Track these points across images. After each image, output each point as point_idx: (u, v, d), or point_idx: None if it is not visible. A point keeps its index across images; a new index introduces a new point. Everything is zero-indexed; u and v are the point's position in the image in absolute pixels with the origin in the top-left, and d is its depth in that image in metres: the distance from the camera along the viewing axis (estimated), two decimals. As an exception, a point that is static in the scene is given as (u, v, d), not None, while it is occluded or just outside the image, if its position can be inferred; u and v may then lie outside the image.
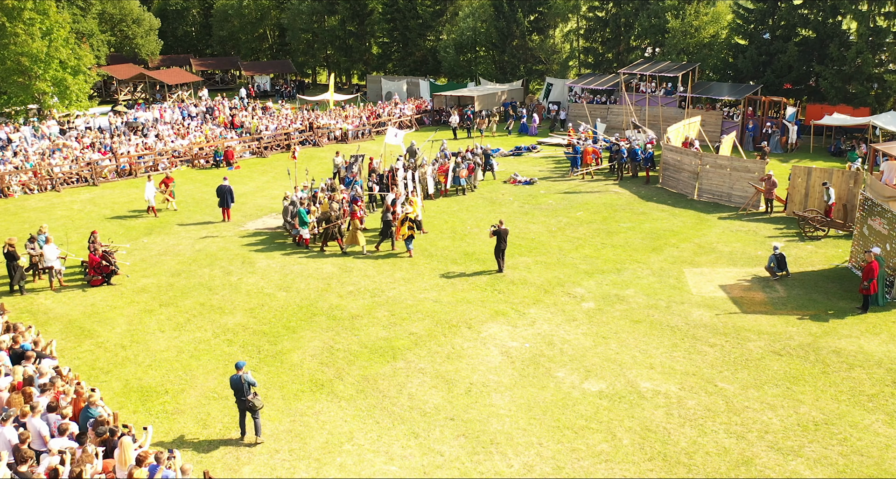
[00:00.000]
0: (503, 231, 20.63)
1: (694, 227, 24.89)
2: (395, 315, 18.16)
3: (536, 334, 17.03)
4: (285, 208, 24.19)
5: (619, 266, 21.33)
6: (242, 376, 12.66)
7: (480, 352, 16.20)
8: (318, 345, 16.67)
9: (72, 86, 38.56)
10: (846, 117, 36.20)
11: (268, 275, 21.03)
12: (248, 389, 12.67)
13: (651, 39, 47.60)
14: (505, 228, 20.69)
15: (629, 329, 17.23)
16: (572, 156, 32.99)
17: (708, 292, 19.36)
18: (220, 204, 26.57)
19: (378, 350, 16.36)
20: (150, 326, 17.93)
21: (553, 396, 14.37)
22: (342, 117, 43.77)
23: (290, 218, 23.97)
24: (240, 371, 12.71)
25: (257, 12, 68.63)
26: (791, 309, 18.25)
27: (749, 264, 21.39)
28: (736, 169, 26.96)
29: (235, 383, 12.72)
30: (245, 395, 12.64)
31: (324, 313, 18.39)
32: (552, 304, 18.78)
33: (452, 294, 19.44)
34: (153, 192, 27.61)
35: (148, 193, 27.49)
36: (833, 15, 39.07)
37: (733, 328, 17.16)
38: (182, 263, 22.19)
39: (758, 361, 15.65)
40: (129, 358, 16.27)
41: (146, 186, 27.58)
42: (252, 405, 12.72)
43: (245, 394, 12.64)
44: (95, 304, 19.29)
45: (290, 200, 24.10)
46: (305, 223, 23.31)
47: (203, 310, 18.73)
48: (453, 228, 25.10)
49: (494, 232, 20.64)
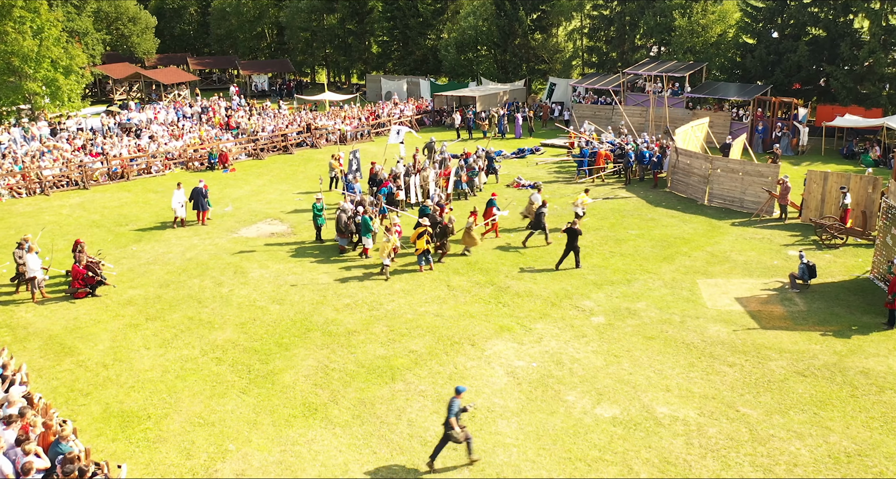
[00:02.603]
0: (574, 230, 20.50)
1: (706, 234, 23.89)
2: (393, 331, 17.18)
3: (544, 352, 16.04)
4: (338, 217, 22.20)
5: (628, 277, 20.34)
6: (455, 400, 11.99)
7: (485, 372, 15.21)
8: (313, 364, 15.68)
9: (63, 86, 37.52)
10: (858, 119, 35.24)
11: (260, 286, 20.04)
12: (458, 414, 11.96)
13: (657, 38, 46.56)
14: (577, 228, 20.63)
15: (642, 347, 16.24)
16: (579, 158, 31.97)
17: (724, 306, 18.37)
18: (193, 206, 25.61)
19: (376, 370, 15.37)
20: (134, 342, 16.93)
21: (563, 422, 13.38)
22: (340, 118, 42.73)
23: (343, 227, 22.18)
24: (458, 396, 12.07)
25: (255, 10, 67.62)
26: (812, 324, 17.26)
27: (765, 274, 20.39)
28: (749, 173, 25.95)
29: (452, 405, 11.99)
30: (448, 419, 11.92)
31: (319, 328, 17.40)
32: (560, 318, 17.79)
33: (454, 307, 18.45)
34: (182, 200, 25.21)
35: (175, 202, 25.15)
36: (844, 13, 38.09)
37: (753, 346, 16.17)
38: (171, 273, 21.19)
39: (781, 382, 14.66)
40: (111, 379, 15.28)
41: (174, 195, 25.16)
42: (449, 434, 11.92)
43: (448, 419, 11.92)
44: (78, 318, 18.30)
45: (342, 207, 22.46)
46: (370, 232, 21.80)
47: (191, 325, 17.74)
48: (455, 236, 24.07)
49: (566, 230, 20.70)
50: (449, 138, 39.52)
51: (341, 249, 22.51)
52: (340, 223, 22.17)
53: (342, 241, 22.44)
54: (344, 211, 22.26)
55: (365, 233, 21.77)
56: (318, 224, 23.29)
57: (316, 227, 23.44)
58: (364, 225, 21.73)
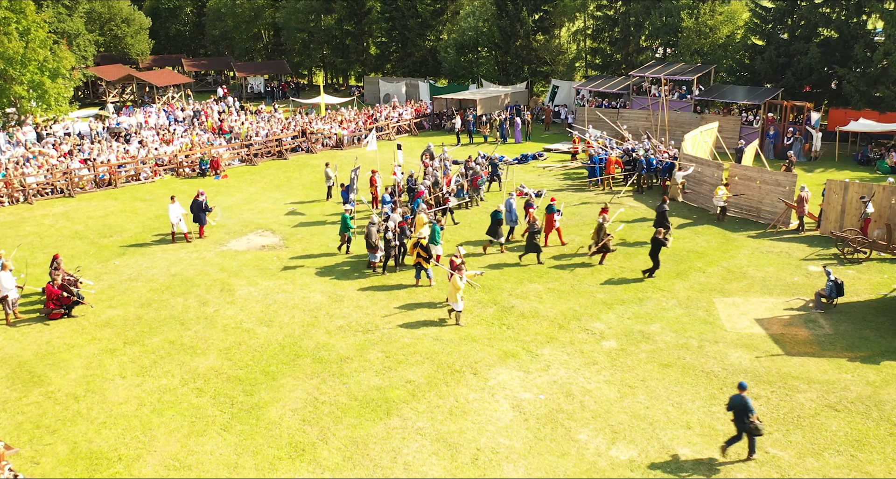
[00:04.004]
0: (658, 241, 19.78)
1: (720, 247, 22.64)
2: (389, 357, 15.92)
3: (552, 383, 14.79)
4: (368, 232, 20.59)
5: (640, 295, 19.08)
6: (744, 397, 12.18)
7: (488, 406, 13.97)
8: (301, 396, 14.43)
9: (50, 90, 36.22)
10: (873, 123, 33.98)
11: (248, 306, 18.78)
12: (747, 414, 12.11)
13: (662, 40, 45.29)
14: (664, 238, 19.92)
15: (658, 376, 15.00)
16: (590, 166, 30.69)
17: (744, 328, 17.12)
18: (194, 220, 24.24)
19: (370, 403, 14.12)
20: (110, 369, 15.68)
21: (575, 466, 12.14)
22: (337, 122, 41.44)
23: (374, 242, 20.63)
24: (742, 391, 12.27)
25: (251, 11, 66.30)
26: (841, 350, 16.02)
27: (786, 292, 19.14)
28: (766, 182, 24.68)
29: (737, 403, 12.23)
30: (746, 418, 12.10)
31: (309, 354, 16.15)
32: (568, 342, 16.54)
33: (455, 330, 17.20)
34: (180, 214, 23.55)
35: (173, 216, 23.49)
36: (857, 14, 36.83)
37: (778, 375, 14.93)
38: (154, 290, 19.94)
39: (812, 418, 13.43)
40: (82, 412, 14.04)
41: (170, 209, 23.46)
42: (755, 426, 12.11)
43: (746, 418, 12.10)
44: (51, 341, 17.04)
45: (372, 221, 20.86)
46: (437, 242, 20.57)
47: (172, 350, 16.49)
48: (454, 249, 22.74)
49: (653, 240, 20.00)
50: (449, 143, 38.29)
51: (371, 264, 21.16)
52: (372, 238, 20.71)
53: (373, 256, 21.06)
54: (373, 224, 20.90)
55: (433, 242, 20.44)
56: (349, 236, 22.37)
57: (346, 240, 22.39)
58: (434, 235, 20.52)
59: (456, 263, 17.79)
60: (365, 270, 21.11)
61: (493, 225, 22.11)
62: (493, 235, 22.20)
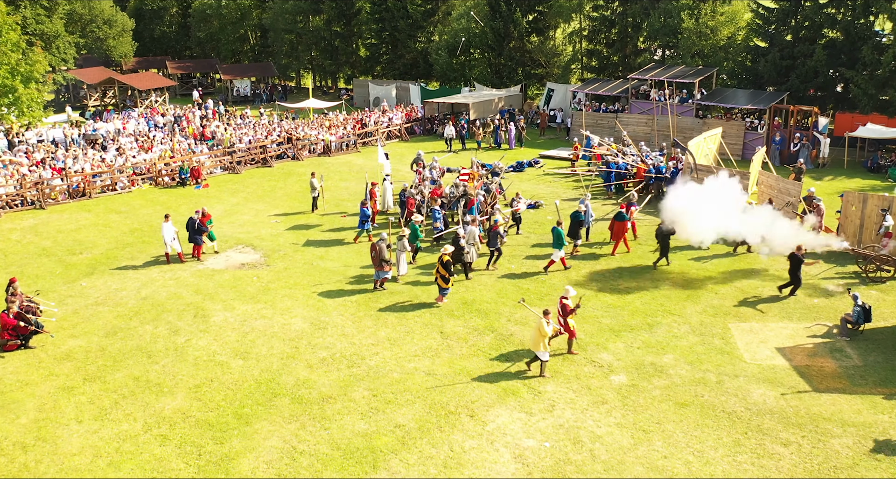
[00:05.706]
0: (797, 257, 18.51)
1: (732, 265, 21.18)
2: (376, 396, 14.39)
3: (557, 426, 13.29)
4: (379, 248, 19.07)
5: (650, 320, 17.61)
6: None
7: (487, 456, 12.45)
8: (277, 445, 12.88)
9: (23, 96, 34.49)
10: (883, 128, 32.64)
11: (223, 334, 17.20)
12: None
13: (661, 41, 43.87)
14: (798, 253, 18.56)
15: (675, 417, 13.52)
16: (605, 173, 29.21)
17: (765, 359, 15.66)
18: (189, 239, 22.46)
19: (353, 453, 12.58)
20: (65, 412, 14.09)
21: (588, 533, 10.65)
22: (325, 127, 39.83)
23: (386, 259, 19.23)
24: None
25: (238, 12, 64.54)
26: (873, 385, 14.58)
27: (806, 316, 17.71)
28: (781, 192, 23.25)
29: None
30: None
31: (287, 392, 14.59)
32: (574, 377, 15.05)
33: (450, 363, 15.68)
34: (173, 233, 21.80)
35: (167, 236, 21.69)
36: (864, 14, 35.45)
37: (808, 416, 13.47)
38: (121, 316, 18.32)
39: (850, 469, 11.98)
40: (29, 466, 12.45)
41: (164, 228, 21.67)
42: None
43: None
44: (3, 378, 15.42)
45: (382, 237, 19.42)
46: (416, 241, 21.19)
47: (136, 388, 14.90)
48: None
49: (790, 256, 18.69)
50: (441, 149, 36.77)
51: (381, 282, 19.60)
52: (383, 253, 19.07)
53: (381, 274, 19.48)
54: (383, 239, 19.35)
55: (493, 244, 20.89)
56: (417, 247, 21.80)
57: (414, 250, 21.63)
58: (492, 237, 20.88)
59: (570, 307, 15.79)
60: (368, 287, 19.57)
61: (573, 226, 21.76)
62: (573, 237, 21.76)
